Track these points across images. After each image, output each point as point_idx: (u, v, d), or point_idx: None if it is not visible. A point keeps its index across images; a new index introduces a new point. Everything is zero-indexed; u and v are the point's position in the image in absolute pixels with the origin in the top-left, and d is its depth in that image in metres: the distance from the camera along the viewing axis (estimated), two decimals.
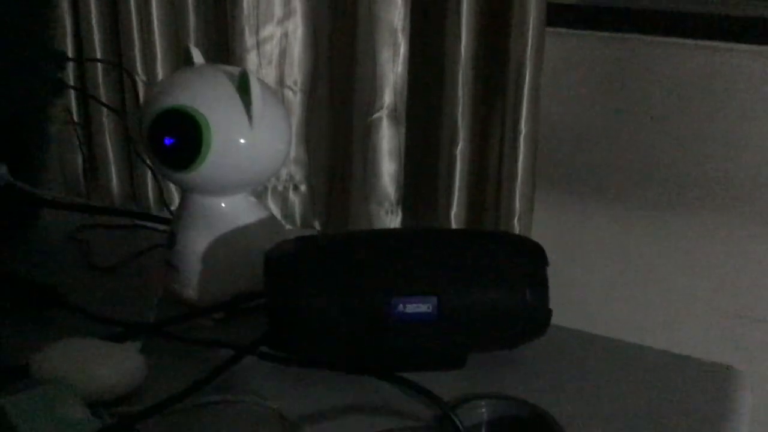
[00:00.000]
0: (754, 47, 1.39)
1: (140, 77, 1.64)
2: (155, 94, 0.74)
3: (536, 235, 1.52)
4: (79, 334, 0.70)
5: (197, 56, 0.78)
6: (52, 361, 0.66)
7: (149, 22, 1.61)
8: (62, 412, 0.59)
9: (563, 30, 1.51)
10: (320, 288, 0.66)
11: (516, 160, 1.41)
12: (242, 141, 0.72)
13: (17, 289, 0.78)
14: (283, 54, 1.57)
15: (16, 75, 0.83)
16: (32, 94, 0.87)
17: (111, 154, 1.72)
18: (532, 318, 0.69)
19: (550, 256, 0.71)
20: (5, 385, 0.63)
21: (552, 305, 0.71)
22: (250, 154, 0.73)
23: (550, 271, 0.70)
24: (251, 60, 1.53)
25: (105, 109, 1.66)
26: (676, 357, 0.74)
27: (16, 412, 0.58)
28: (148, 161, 1.41)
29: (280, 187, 1.65)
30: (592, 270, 1.61)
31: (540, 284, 0.69)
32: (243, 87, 0.72)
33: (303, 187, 1.67)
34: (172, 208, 1.31)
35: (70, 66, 1.60)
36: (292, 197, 1.68)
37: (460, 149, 1.46)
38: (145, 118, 0.73)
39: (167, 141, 0.71)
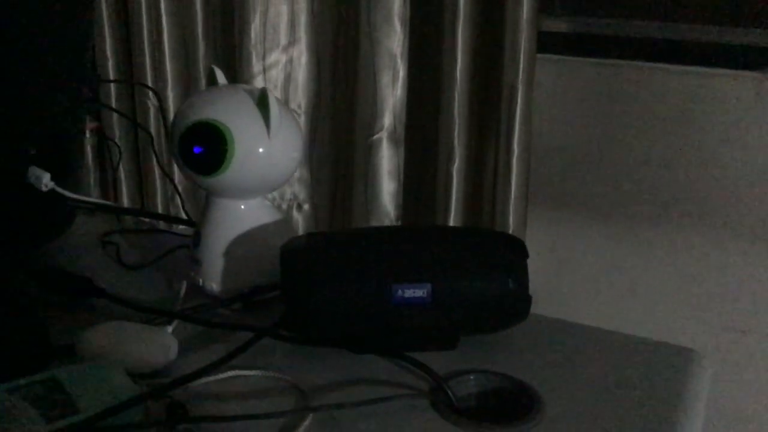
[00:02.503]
0: (735, 72, 1.44)
1: (152, 101, 1.69)
2: (185, 109, 0.82)
3: (529, 250, 1.57)
4: (117, 319, 0.79)
5: (220, 77, 0.87)
6: (96, 340, 0.75)
7: (161, 49, 1.66)
8: (108, 382, 0.68)
9: (554, 56, 1.55)
10: (329, 276, 0.75)
11: (509, 179, 1.45)
12: (261, 150, 0.81)
13: (60, 280, 0.87)
14: (288, 79, 1.61)
15: (61, 98, 0.92)
16: (72, 112, 0.96)
17: (122, 170, 1.77)
18: (514, 303, 0.77)
19: (542, 270, 0.79)
20: (55, 361, 0.72)
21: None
22: (268, 161, 0.82)
23: (541, 283, 0.78)
24: (258, 84, 1.54)
25: (116, 125, 1.73)
26: (644, 340, 0.82)
27: (69, 382, 0.67)
28: (167, 172, 1.50)
29: (284, 206, 1.69)
30: (581, 283, 1.63)
31: (521, 274, 0.77)
32: (262, 103, 0.81)
33: (306, 206, 1.71)
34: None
35: None
36: (296, 215, 1.71)
37: (457, 168, 1.49)
38: (176, 130, 0.82)
39: (196, 150, 0.80)
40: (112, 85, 1.70)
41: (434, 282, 0.75)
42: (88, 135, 1.68)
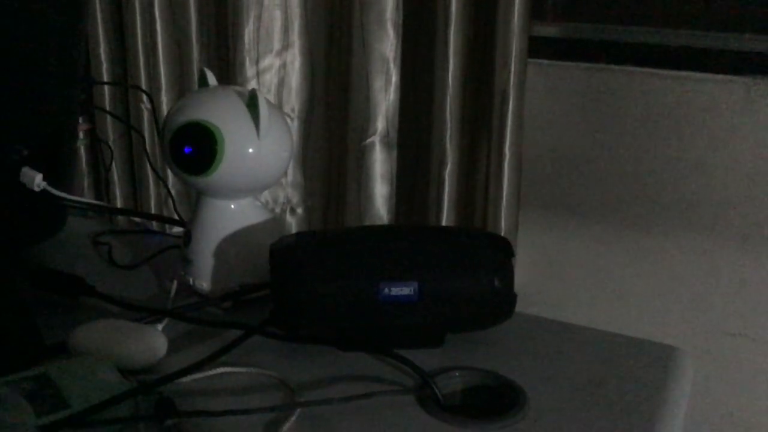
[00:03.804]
0: (725, 77, 1.44)
1: (145, 105, 1.70)
2: (176, 110, 0.84)
3: (520, 254, 1.56)
4: (108, 317, 0.80)
5: (211, 78, 0.89)
6: (87, 337, 0.76)
7: (155, 53, 1.67)
8: (98, 377, 0.69)
9: (544, 61, 1.57)
10: (318, 274, 0.76)
11: (501, 183, 1.46)
12: (251, 150, 0.82)
13: (52, 279, 0.88)
14: (281, 83, 1.62)
15: (54, 100, 0.94)
16: (64, 114, 0.97)
17: (116, 172, 1.78)
18: (500, 302, 0.78)
19: (533, 273, 0.80)
20: (47, 358, 0.73)
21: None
22: (258, 161, 0.83)
23: (532, 285, 0.79)
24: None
25: (110, 128, 1.74)
26: (628, 338, 0.83)
27: (59, 376, 0.67)
28: (160, 174, 1.51)
29: (277, 210, 1.69)
30: (572, 287, 1.62)
31: (506, 273, 0.78)
32: (252, 104, 0.82)
33: (299, 210, 1.71)
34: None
35: None
36: (289, 219, 1.71)
37: (449, 172, 1.50)
38: (167, 130, 0.83)
39: (186, 150, 0.81)
40: (107, 89, 1.71)
41: (421, 280, 0.76)
42: (81, 136, 1.70)
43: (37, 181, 0.90)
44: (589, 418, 0.70)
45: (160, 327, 0.80)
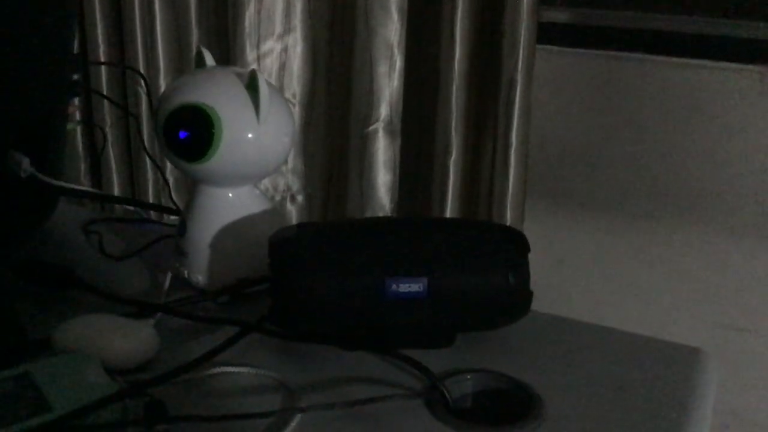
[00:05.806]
0: (738, 66, 1.43)
1: (143, 89, 1.68)
2: (170, 91, 0.79)
3: None
4: (97, 311, 0.76)
5: (209, 58, 0.84)
6: (73, 333, 0.72)
7: (153, 36, 1.65)
8: (83, 378, 0.65)
9: (553, 47, 1.55)
10: (320, 269, 0.71)
11: (507, 172, 1.44)
12: (250, 135, 0.78)
13: (38, 270, 0.83)
14: (282, 68, 1.60)
15: (41, 78, 0.89)
16: (53, 94, 0.93)
17: (112, 156, 1.75)
18: (515, 299, 0.74)
19: (538, 265, 0.76)
20: (30, 355, 0.69)
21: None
22: (257, 147, 0.79)
23: (537, 278, 0.76)
24: None
25: (108, 112, 1.71)
26: (647, 338, 0.79)
27: (41, 377, 0.63)
28: (156, 160, 1.48)
29: (278, 198, 1.67)
30: (578, 280, 1.63)
31: (522, 268, 0.74)
32: (252, 86, 0.77)
33: (300, 198, 1.69)
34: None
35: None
36: (290, 207, 1.70)
37: (454, 160, 1.49)
38: (161, 113, 0.78)
39: (182, 134, 0.77)
40: (104, 72, 1.69)
41: (430, 276, 0.72)
42: (78, 118, 1.66)
43: (24, 165, 0.85)
44: (608, 425, 0.66)
45: (151, 323, 0.76)
